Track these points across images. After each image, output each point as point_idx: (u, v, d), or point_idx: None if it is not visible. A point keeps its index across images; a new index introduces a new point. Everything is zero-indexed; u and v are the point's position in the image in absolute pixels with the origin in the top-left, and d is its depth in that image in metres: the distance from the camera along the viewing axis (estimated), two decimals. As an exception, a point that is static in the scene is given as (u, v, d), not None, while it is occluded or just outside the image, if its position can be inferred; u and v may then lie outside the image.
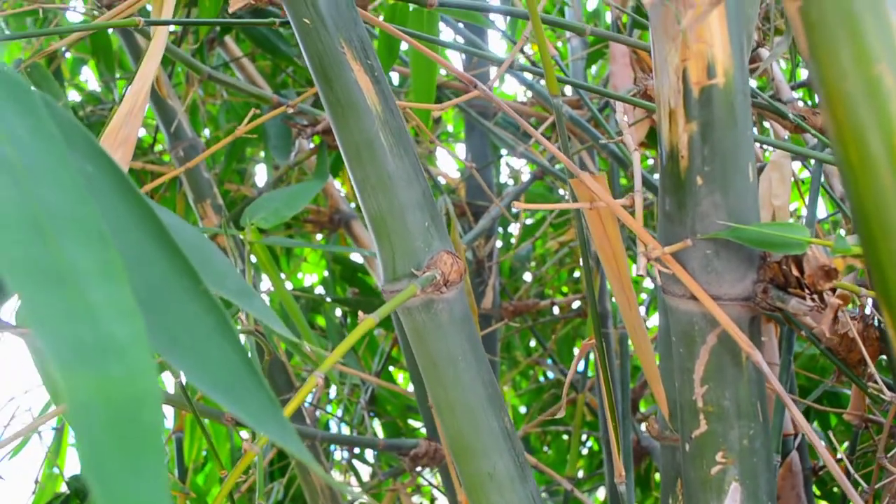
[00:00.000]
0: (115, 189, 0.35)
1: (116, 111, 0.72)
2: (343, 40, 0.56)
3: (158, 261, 0.33)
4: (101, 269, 0.28)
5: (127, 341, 0.27)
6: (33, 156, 0.30)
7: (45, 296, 0.26)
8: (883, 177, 0.35)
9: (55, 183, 0.30)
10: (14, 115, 0.31)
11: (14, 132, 0.31)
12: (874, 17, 0.34)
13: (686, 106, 0.51)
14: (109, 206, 0.34)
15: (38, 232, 0.28)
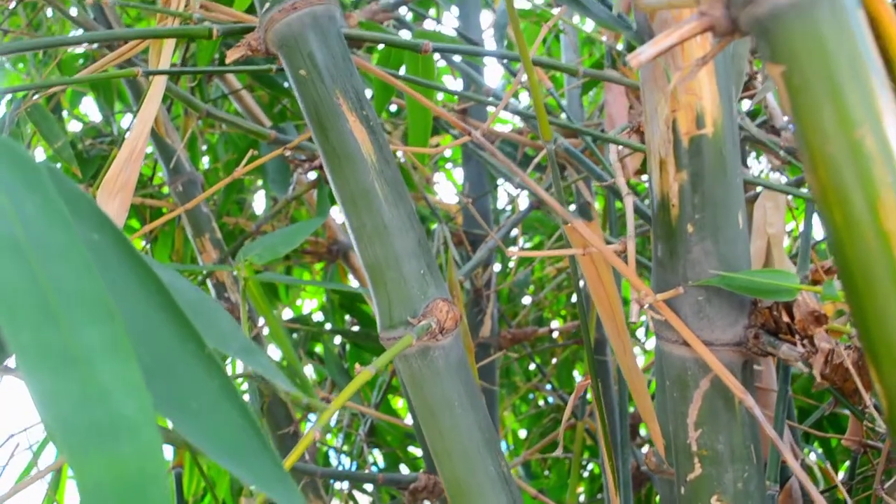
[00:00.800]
0: (120, 256, 0.36)
1: (116, 154, 0.73)
2: (339, 91, 0.57)
3: (164, 327, 0.34)
4: (110, 346, 0.29)
5: (135, 419, 0.28)
6: (41, 233, 0.31)
7: (55, 379, 0.27)
8: (867, 238, 0.36)
9: (63, 260, 0.31)
10: (22, 192, 0.32)
11: (22, 209, 0.32)
12: (856, 81, 0.35)
13: (676, 155, 0.52)
14: (115, 274, 0.35)
15: (47, 313, 0.29)
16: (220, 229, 1.32)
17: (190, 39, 1.09)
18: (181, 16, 0.72)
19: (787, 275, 0.51)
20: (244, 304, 1.01)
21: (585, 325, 0.67)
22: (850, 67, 0.35)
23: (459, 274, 1.26)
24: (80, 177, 1.08)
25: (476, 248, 1.54)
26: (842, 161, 0.36)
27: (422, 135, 0.79)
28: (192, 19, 0.71)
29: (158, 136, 1.20)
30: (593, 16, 0.53)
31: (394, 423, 1.46)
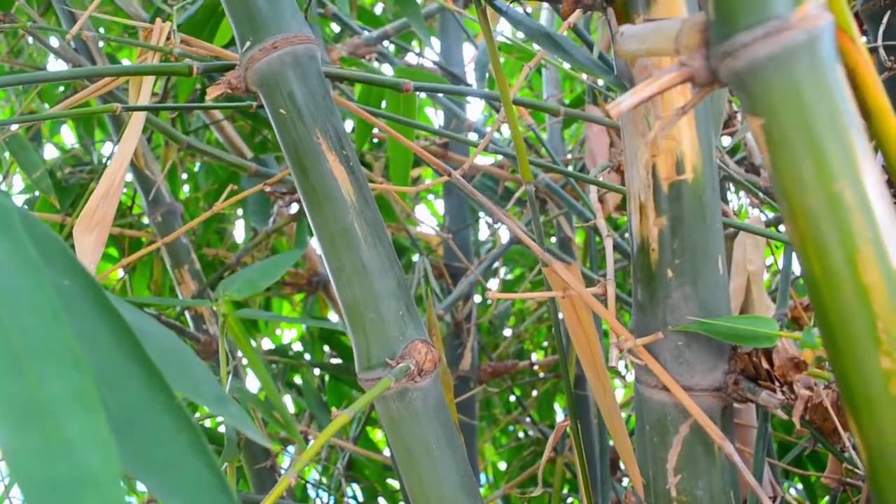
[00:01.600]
0: (91, 302, 0.35)
1: (93, 187, 0.73)
2: (319, 131, 0.57)
3: (133, 377, 0.34)
4: (76, 397, 0.28)
5: (100, 474, 0.27)
6: (10, 280, 0.31)
7: (20, 432, 0.26)
8: (846, 291, 0.36)
9: (32, 308, 0.30)
10: (-10, 238, 0.32)
11: (-9, 257, 0.31)
12: (835, 135, 0.35)
13: (656, 200, 0.52)
14: (84, 321, 0.34)
15: (14, 363, 0.28)
16: (199, 260, 1.31)
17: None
18: (161, 50, 0.71)
19: (767, 321, 0.51)
20: (223, 339, 1.00)
21: (565, 363, 0.67)
22: (828, 121, 0.35)
23: (440, 308, 1.25)
24: (58, 207, 1.07)
25: (457, 280, 1.53)
26: (821, 214, 0.36)
27: (402, 172, 0.78)
28: (172, 54, 0.71)
29: (138, 168, 1.19)
30: (574, 60, 0.53)
31: (372, 458, 1.45)
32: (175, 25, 0.73)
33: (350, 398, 1.45)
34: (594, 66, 0.53)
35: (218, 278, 1.22)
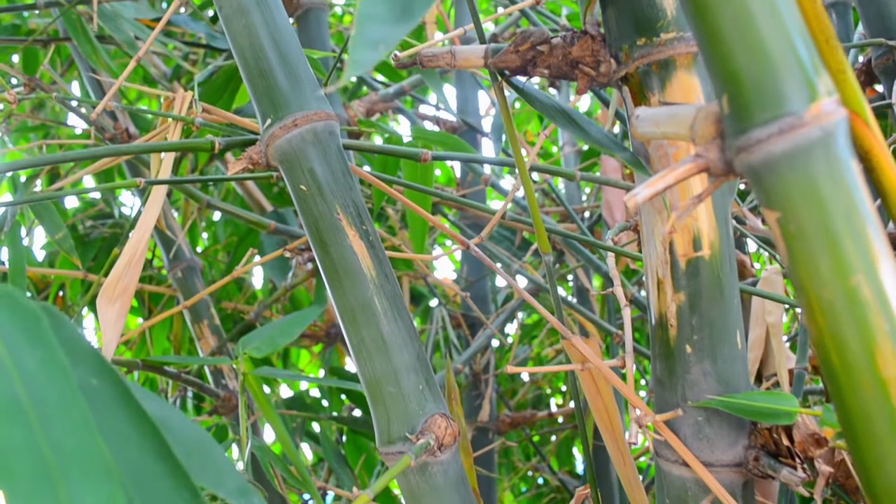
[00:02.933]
0: (118, 402, 0.36)
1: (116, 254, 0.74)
2: (339, 206, 0.58)
3: (159, 476, 0.34)
4: (106, 508, 0.29)
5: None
6: (42, 389, 0.31)
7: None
8: (865, 385, 0.36)
9: (63, 417, 0.31)
10: (24, 345, 0.32)
11: (24, 365, 0.32)
12: (851, 230, 0.36)
13: (674, 276, 0.52)
14: (112, 421, 0.35)
15: (46, 476, 0.29)
16: (218, 311, 1.32)
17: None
18: (184, 120, 0.73)
19: (786, 397, 0.51)
20: (243, 396, 1.00)
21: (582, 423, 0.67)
22: (844, 216, 0.36)
23: (458, 362, 1.25)
24: (80, 266, 1.08)
25: (474, 329, 1.53)
26: (839, 308, 0.36)
27: (420, 239, 0.79)
28: (193, 124, 0.72)
29: (159, 228, 1.21)
30: (589, 137, 0.54)
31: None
32: (196, 95, 0.75)
33: (368, 451, 1.45)
34: (609, 142, 0.54)
35: (237, 333, 1.23)
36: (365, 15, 0.35)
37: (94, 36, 1.19)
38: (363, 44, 0.33)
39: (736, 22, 0.36)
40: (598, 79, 0.54)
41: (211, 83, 0.94)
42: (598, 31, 0.54)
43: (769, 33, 0.36)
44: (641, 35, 0.51)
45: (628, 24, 0.52)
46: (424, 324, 1.84)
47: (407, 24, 0.35)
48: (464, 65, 0.57)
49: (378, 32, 0.34)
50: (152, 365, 1.00)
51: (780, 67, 0.36)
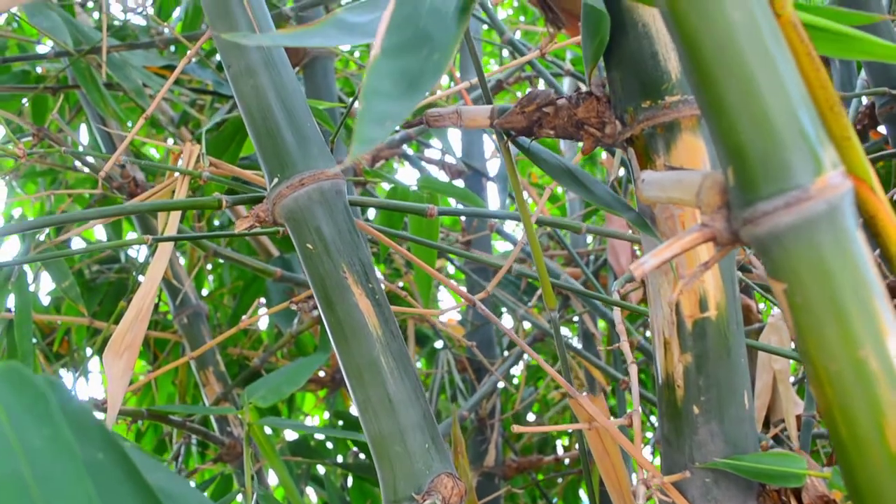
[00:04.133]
0: (123, 475, 0.35)
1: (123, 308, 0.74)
2: (345, 265, 0.58)
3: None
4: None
5: None
6: (47, 468, 0.31)
7: None
8: (875, 459, 0.35)
9: (67, 496, 0.31)
10: (30, 423, 0.32)
11: (29, 443, 0.32)
12: (858, 302, 0.36)
13: (680, 337, 0.52)
14: (117, 495, 0.35)
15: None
16: (223, 357, 1.32)
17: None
18: (191, 174, 0.73)
19: (795, 459, 0.51)
20: (247, 445, 1.00)
21: (588, 476, 0.66)
22: (851, 288, 0.36)
23: (463, 409, 1.25)
24: (86, 313, 1.09)
25: (480, 374, 1.53)
26: (847, 380, 0.36)
27: (426, 291, 0.79)
28: (201, 178, 0.73)
29: (166, 278, 1.21)
30: (594, 197, 0.54)
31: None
32: (204, 149, 0.75)
33: (373, 497, 1.44)
34: (615, 203, 0.54)
35: (242, 380, 1.23)
36: (371, 90, 0.35)
37: (102, 84, 1.20)
38: (370, 120, 0.34)
39: (740, 94, 0.36)
40: (604, 140, 0.54)
41: (219, 134, 0.94)
42: (603, 92, 0.54)
43: (774, 106, 0.36)
44: (646, 98, 0.51)
45: (633, 86, 0.52)
46: (430, 367, 1.84)
47: (413, 99, 0.35)
48: (470, 125, 0.57)
49: (385, 108, 0.34)
50: (157, 414, 1.00)
51: (786, 140, 0.36)
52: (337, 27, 0.43)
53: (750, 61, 0.36)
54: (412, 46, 0.38)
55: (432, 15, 0.39)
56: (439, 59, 0.36)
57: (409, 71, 0.36)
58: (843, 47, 0.46)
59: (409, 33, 0.38)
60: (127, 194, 1.03)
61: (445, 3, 0.39)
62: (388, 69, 0.37)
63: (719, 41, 0.36)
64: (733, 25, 0.36)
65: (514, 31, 1.66)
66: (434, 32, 0.38)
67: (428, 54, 0.36)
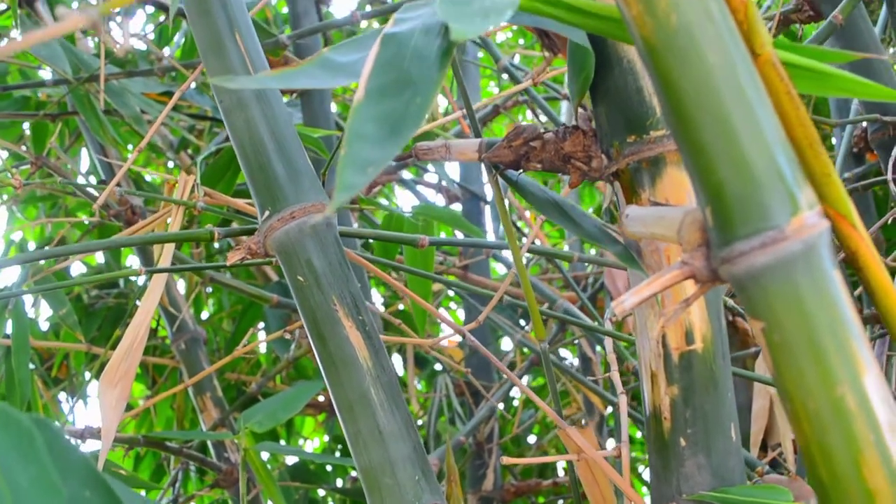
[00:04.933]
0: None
1: (117, 337, 0.74)
2: (335, 297, 0.59)
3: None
4: None
5: None
6: (32, 510, 0.32)
7: None
8: (852, 494, 0.36)
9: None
10: (16, 463, 0.33)
11: (17, 484, 0.32)
12: (834, 340, 0.36)
13: (667, 370, 0.53)
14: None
15: None
16: (221, 382, 1.33)
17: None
18: (186, 204, 0.74)
19: (781, 491, 0.51)
20: (243, 471, 1.00)
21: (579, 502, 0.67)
22: (828, 327, 0.36)
23: (461, 434, 1.25)
24: (83, 340, 1.09)
25: (478, 397, 1.53)
26: (824, 418, 0.36)
27: (421, 321, 0.80)
28: (195, 208, 0.73)
29: (162, 303, 1.21)
30: (583, 231, 0.54)
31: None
32: (198, 179, 0.76)
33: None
34: (602, 236, 0.55)
35: (240, 405, 1.23)
36: (354, 134, 0.36)
37: (101, 111, 1.21)
38: (352, 166, 0.34)
39: (718, 136, 0.37)
40: (591, 174, 0.55)
41: (215, 162, 0.95)
42: (589, 126, 0.55)
43: (751, 148, 0.36)
44: (631, 132, 0.52)
45: (618, 121, 0.53)
46: (429, 389, 1.84)
47: (395, 144, 0.36)
48: (459, 158, 0.58)
49: (367, 153, 0.35)
50: (154, 441, 1.01)
51: (762, 181, 0.36)
52: (323, 67, 0.44)
53: (727, 104, 0.36)
54: (395, 89, 0.38)
55: (415, 57, 0.40)
56: (421, 103, 0.36)
57: (391, 115, 0.37)
58: (822, 85, 0.46)
59: (393, 76, 0.39)
60: (124, 222, 1.03)
61: (428, 46, 0.40)
62: (372, 113, 0.37)
63: (697, 84, 0.37)
64: (711, 68, 0.37)
65: (512, 54, 1.67)
66: (417, 75, 0.38)
67: (410, 98, 0.37)
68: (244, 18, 0.63)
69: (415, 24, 0.42)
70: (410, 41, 0.40)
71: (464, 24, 0.35)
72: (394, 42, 0.41)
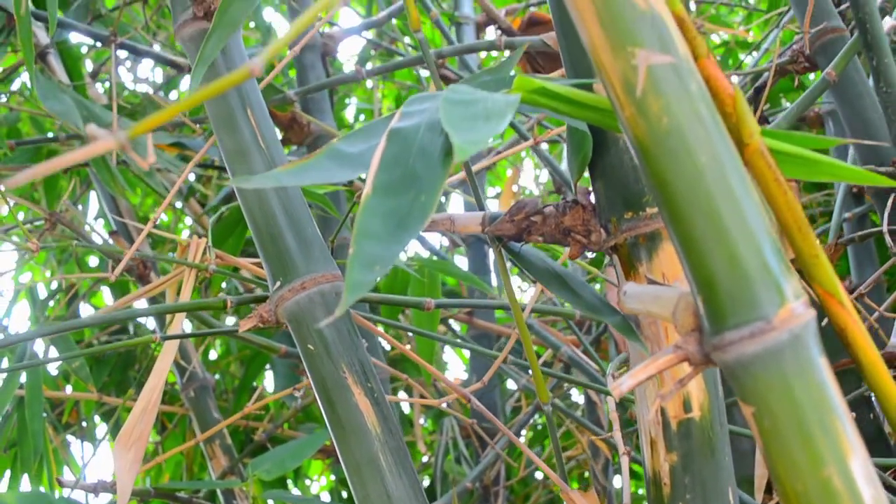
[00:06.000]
0: None
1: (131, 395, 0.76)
2: (345, 365, 0.61)
3: None
4: None
5: None
6: None
7: None
8: (840, 570, 0.38)
9: None
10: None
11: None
12: (821, 425, 0.38)
13: (666, 437, 0.54)
14: None
15: None
16: (229, 428, 1.34)
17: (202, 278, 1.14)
18: (198, 267, 0.76)
19: (778, 556, 0.52)
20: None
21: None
22: (815, 412, 0.38)
23: (467, 480, 1.27)
24: (95, 390, 1.11)
25: (485, 443, 1.54)
26: (812, 498, 0.38)
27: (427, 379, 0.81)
28: (207, 270, 0.75)
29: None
30: (583, 303, 0.56)
31: None
32: (210, 241, 0.78)
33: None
34: (602, 307, 0.56)
35: (249, 452, 1.25)
36: (362, 231, 0.38)
37: (112, 164, 1.24)
38: (361, 265, 0.36)
39: (708, 232, 0.39)
40: (590, 247, 0.57)
41: (224, 220, 0.97)
42: (588, 200, 0.57)
43: (740, 243, 0.38)
44: (628, 209, 0.54)
45: (616, 197, 0.55)
46: (436, 426, 1.85)
47: (402, 242, 0.38)
48: (463, 230, 0.60)
49: (374, 251, 0.37)
50: (164, 492, 1.02)
51: (751, 275, 0.38)
52: (333, 159, 0.46)
53: (717, 201, 0.39)
54: (402, 186, 0.40)
55: (421, 154, 0.42)
56: (426, 201, 0.39)
57: (398, 211, 0.39)
58: (809, 170, 0.48)
59: (399, 172, 0.41)
60: (136, 276, 1.06)
61: (433, 143, 0.42)
62: (379, 209, 0.39)
63: (688, 183, 0.39)
64: (702, 168, 0.39)
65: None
66: (422, 172, 0.41)
67: (416, 195, 0.39)
68: (255, 93, 0.66)
69: (420, 119, 0.44)
70: (416, 137, 0.43)
71: (465, 133, 0.37)
72: (399, 137, 0.43)
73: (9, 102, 1.66)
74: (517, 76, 0.46)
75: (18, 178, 0.31)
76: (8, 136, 1.58)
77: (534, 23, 1.47)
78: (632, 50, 0.39)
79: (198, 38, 0.65)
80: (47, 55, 1.40)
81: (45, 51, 1.38)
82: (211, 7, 0.64)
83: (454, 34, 1.67)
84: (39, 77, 1.30)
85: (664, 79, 0.39)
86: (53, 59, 1.44)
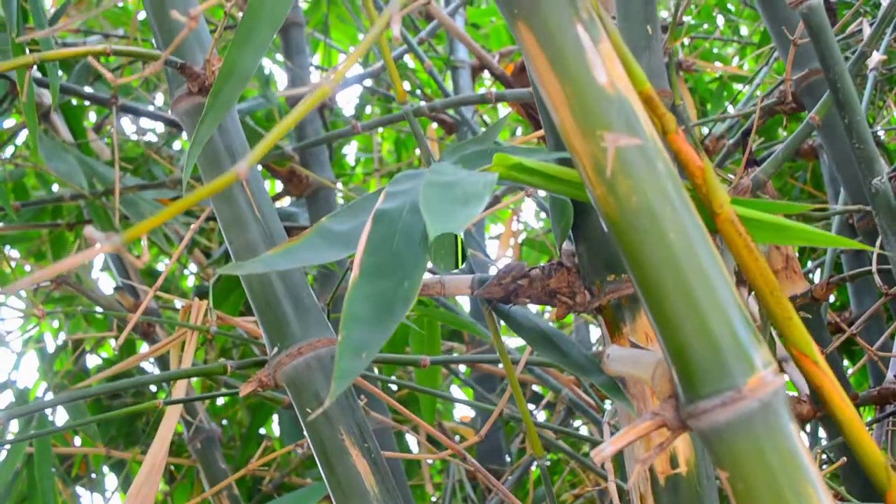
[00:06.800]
0: None
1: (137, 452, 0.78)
2: (342, 428, 0.63)
3: None
4: None
5: None
6: None
7: None
8: None
9: None
10: None
11: None
12: (792, 487, 0.40)
13: (654, 492, 0.56)
14: None
15: None
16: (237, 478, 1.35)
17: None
18: (199, 329, 0.78)
19: None
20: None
21: None
22: (786, 476, 0.40)
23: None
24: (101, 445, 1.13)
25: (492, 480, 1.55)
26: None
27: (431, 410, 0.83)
28: (209, 332, 0.77)
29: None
30: (570, 362, 0.58)
31: None
32: (211, 303, 0.80)
33: None
34: (589, 366, 0.58)
35: (257, 502, 1.26)
36: (350, 316, 0.40)
37: (116, 221, 1.26)
38: (348, 353, 0.38)
39: (679, 306, 0.41)
40: (576, 308, 0.59)
41: (225, 280, 1.00)
42: (573, 262, 0.59)
43: (710, 315, 0.40)
44: (610, 272, 0.56)
45: (598, 261, 0.57)
46: (443, 465, 1.86)
47: (388, 327, 0.40)
48: (453, 293, 0.62)
49: (362, 336, 0.39)
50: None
51: (721, 346, 0.40)
52: (322, 237, 0.48)
53: (687, 276, 0.41)
54: (387, 269, 0.42)
55: (404, 236, 0.44)
56: (409, 287, 0.41)
57: (383, 295, 0.41)
58: (779, 235, 0.50)
59: (385, 254, 0.43)
60: (141, 333, 1.08)
61: (416, 225, 0.44)
62: (366, 292, 0.41)
63: (659, 259, 0.41)
64: (671, 245, 0.41)
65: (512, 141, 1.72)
66: (405, 256, 0.43)
67: (399, 281, 0.41)
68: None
69: (404, 199, 0.46)
70: (399, 220, 0.45)
71: (442, 218, 0.39)
72: (385, 219, 0.45)
73: (14, 159, 1.69)
74: (496, 153, 0.49)
75: (19, 284, 0.33)
76: (14, 191, 1.60)
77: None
78: (601, 133, 0.41)
79: (194, 112, 0.67)
80: (49, 113, 1.43)
81: (48, 111, 1.41)
82: (205, 83, 0.67)
83: (449, 78, 1.70)
84: (43, 138, 1.33)
85: (632, 160, 0.41)
86: (56, 118, 1.47)
